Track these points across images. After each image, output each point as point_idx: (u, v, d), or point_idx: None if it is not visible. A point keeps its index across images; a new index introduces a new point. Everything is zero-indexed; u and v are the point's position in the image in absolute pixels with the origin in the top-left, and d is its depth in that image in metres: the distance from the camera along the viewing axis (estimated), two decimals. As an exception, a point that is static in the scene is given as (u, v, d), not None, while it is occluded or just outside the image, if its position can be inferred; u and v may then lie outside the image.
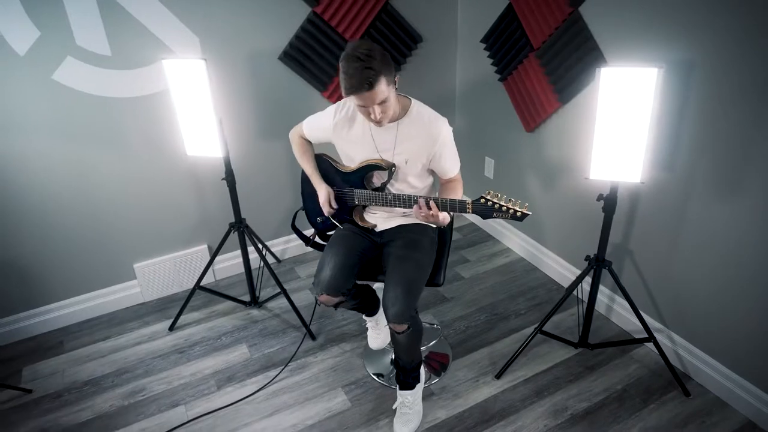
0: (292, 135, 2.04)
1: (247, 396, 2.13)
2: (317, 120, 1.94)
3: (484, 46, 2.78)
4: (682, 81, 1.85)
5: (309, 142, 2.02)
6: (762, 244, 1.76)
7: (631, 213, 2.22)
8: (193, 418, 2.03)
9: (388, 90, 1.59)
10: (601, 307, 2.51)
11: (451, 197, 1.70)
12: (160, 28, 2.23)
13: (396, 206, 1.81)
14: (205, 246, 2.78)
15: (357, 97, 1.58)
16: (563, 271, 2.71)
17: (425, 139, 1.76)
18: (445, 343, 2.36)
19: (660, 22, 1.88)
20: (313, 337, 2.42)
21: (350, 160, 1.89)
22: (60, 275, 2.49)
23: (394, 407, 2.00)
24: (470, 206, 1.63)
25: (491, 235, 3.22)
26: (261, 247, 2.70)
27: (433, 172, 1.91)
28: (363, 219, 1.97)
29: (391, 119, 1.75)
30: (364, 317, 2.20)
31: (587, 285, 2.16)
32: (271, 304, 2.66)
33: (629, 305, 2.08)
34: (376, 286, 2.24)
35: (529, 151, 2.73)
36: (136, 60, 2.25)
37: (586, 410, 2.01)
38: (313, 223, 2.08)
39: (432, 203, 1.66)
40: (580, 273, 2.14)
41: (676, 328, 2.18)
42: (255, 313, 2.62)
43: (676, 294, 2.13)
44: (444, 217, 1.69)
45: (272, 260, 3.01)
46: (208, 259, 2.52)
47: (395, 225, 1.95)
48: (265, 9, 2.41)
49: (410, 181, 1.86)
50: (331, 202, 1.91)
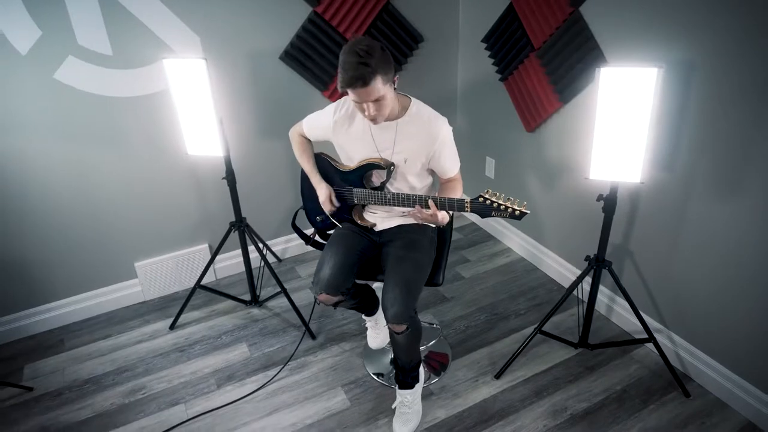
0: (292, 133, 2.04)
1: (247, 395, 2.13)
2: (317, 118, 1.94)
3: (485, 45, 2.78)
4: (682, 81, 1.85)
5: (309, 141, 2.02)
6: (762, 244, 1.76)
7: (632, 213, 2.22)
8: (193, 417, 2.04)
9: (385, 89, 1.59)
10: (601, 308, 2.51)
11: (451, 197, 1.70)
12: (161, 27, 2.24)
13: (395, 205, 1.81)
14: (206, 245, 2.78)
15: (351, 92, 1.59)
16: (564, 272, 2.71)
17: (425, 139, 1.76)
18: (444, 343, 2.36)
19: (660, 22, 1.88)
20: (313, 337, 2.43)
21: (349, 159, 1.90)
22: (61, 274, 2.49)
23: (393, 406, 2.01)
24: (469, 205, 1.63)
25: (492, 235, 3.21)
26: (261, 246, 2.70)
27: (432, 172, 1.91)
28: (362, 218, 1.97)
29: (391, 118, 1.76)
30: (363, 317, 2.20)
31: (587, 285, 2.15)
32: (271, 304, 2.67)
33: (629, 305, 2.08)
34: (375, 285, 2.25)
35: (530, 151, 2.73)
36: (137, 59, 2.26)
37: (586, 410, 2.01)
38: (313, 223, 2.09)
39: (431, 202, 1.66)
40: (580, 273, 2.14)
41: (676, 329, 2.17)
42: (255, 312, 2.62)
43: (676, 294, 2.12)
44: (443, 217, 1.69)
45: (273, 259, 3.01)
46: (209, 258, 2.52)
47: (395, 225, 1.95)
48: (266, 8, 2.42)
49: (409, 180, 1.85)
50: (332, 200, 1.92)
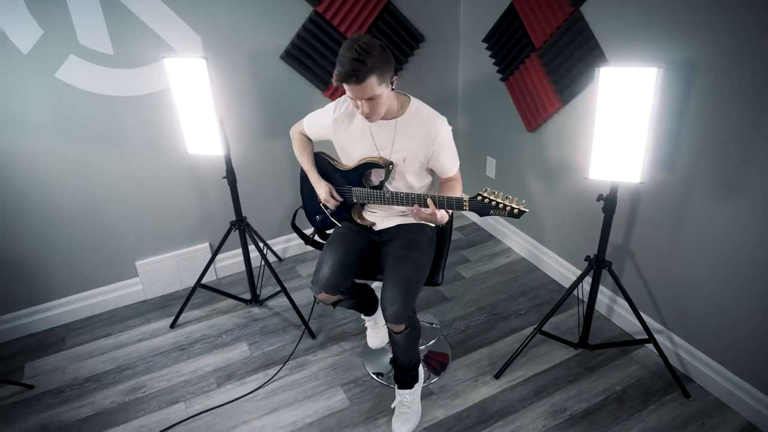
0: (293, 132, 2.05)
1: (247, 393, 2.13)
2: (318, 117, 1.94)
3: (486, 45, 2.78)
4: (682, 81, 1.85)
5: (309, 140, 2.03)
6: (762, 244, 1.75)
7: (632, 213, 2.21)
8: (193, 415, 2.04)
9: (380, 89, 1.58)
10: (601, 308, 2.51)
11: (449, 196, 1.70)
12: (162, 27, 2.25)
13: (393, 204, 1.81)
14: (207, 244, 2.79)
15: (346, 87, 1.59)
16: (564, 272, 2.70)
17: (424, 138, 1.76)
18: (444, 343, 2.36)
19: (660, 22, 1.87)
20: (313, 336, 2.43)
21: (349, 157, 1.90)
22: (62, 273, 2.50)
23: (392, 406, 2.01)
24: (467, 204, 1.63)
25: (492, 235, 3.21)
26: (262, 245, 2.70)
27: (432, 172, 1.91)
28: (362, 217, 1.97)
29: (390, 117, 1.76)
30: (362, 316, 2.20)
31: (588, 285, 2.15)
32: (271, 303, 2.67)
33: (629, 306, 2.08)
34: (374, 285, 2.25)
35: (531, 151, 2.72)
36: (138, 59, 2.26)
37: (585, 411, 2.01)
38: (313, 222, 2.09)
39: (430, 201, 1.66)
40: (580, 273, 2.13)
41: (677, 329, 2.17)
42: (256, 311, 2.63)
43: (677, 294, 2.12)
44: (442, 216, 1.69)
45: (274, 259, 3.02)
46: (210, 258, 2.53)
47: (394, 224, 1.95)
48: (267, 8, 2.42)
49: (408, 179, 1.85)
50: (334, 195, 1.91)
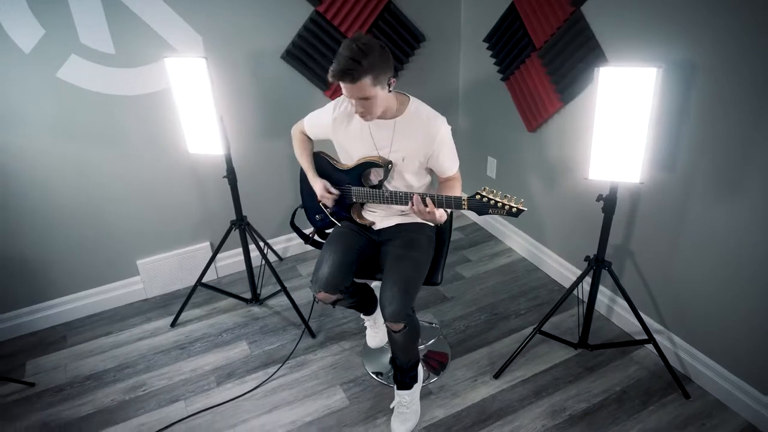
0: (294, 131, 2.05)
1: (247, 392, 2.14)
2: (317, 116, 1.95)
3: (487, 45, 2.78)
4: (682, 81, 1.84)
5: (309, 139, 2.03)
6: (762, 244, 1.75)
7: (632, 213, 2.21)
8: (193, 414, 2.05)
9: (374, 90, 1.58)
10: (601, 308, 2.50)
11: (448, 195, 1.70)
12: (164, 26, 2.25)
13: (392, 203, 1.81)
14: (208, 243, 2.79)
15: (341, 85, 1.59)
16: (565, 272, 2.70)
17: (423, 138, 1.76)
18: (444, 343, 2.36)
19: (660, 22, 1.87)
20: (313, 335, 2.43)
21: (348, 157, 1.90)
22: (63, 271, 2.51)
23: (391, 406, 2.01)
24: (466, 202, 1.63)
25: (493, 235, 3.21)
26: (262, 244, 2.71)
27: (431, 171, 1.91)
28: (361, 216, 1.97)
29: (389, 117, 1.76)
30: (361, 316, 2.21)
31: (588, 285, 2.15)
32: (272, 302, 2.68)
33: (629, 306, 2.08)
34: (373, 284, 2.25)
35: (531, 151, 2.72)
36: (139, 58, 2.27)
37: (585, 411, 2.00)
38: (312, 221, 2.09)
39: (428, 200, 1.66)
40: (580, 273, 2.13)
41: (677, 329, 2.16)
42: (256, 310, 2.63)
43: (676, 294, 2.12)
44: (440, 215, 1.69)
45: (274, 258, 3.02)
46: (210, 257, 2.53)
47: (393, 224, 1.95)
48: (268, 8, 2.43)
49: (407, 178, 1.86)
50: (330, 189, 1.90)
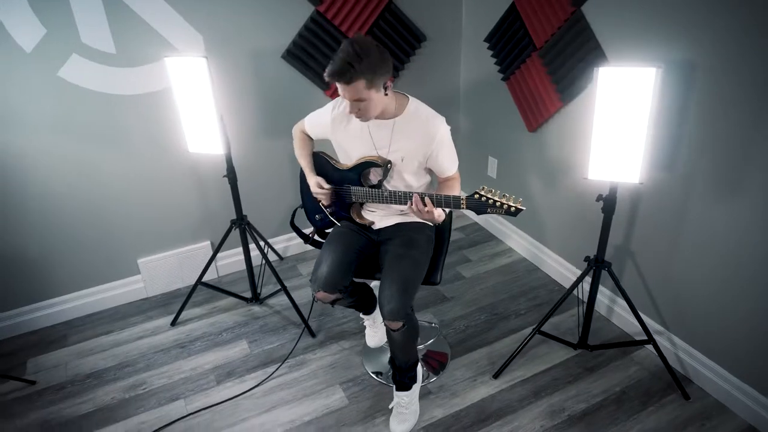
0: (295, 131, 2.06)
1: (246, 391, 2.14)
2: (318, 116, 1.95)
3: (488, 45, 2.77)
4: (683, 81, 1.84)
5: (310, 139, 2.04)
6: (762, 244, 1.74)
7: (632, 213, 2.20)
8: (192, 413, 2.05)
9: (368, 93, 1.59)
10: (602, 309, 2.50)
11: (447, 194, 1.70)
12: (164, 26, 2.26)
13: (391, 203, 1.81)
14: (208, 242, 2.80)
15: (337, 85, 1.60)
16: (565, 272, 2.70)
17: (422, 138, 1.77)
18: (444, 342, 2.36)
19: (660, 22, 1.87)
20: (313, 334, 2.43)
21: (347, 157, 1.90)
22: (65, 270, 2.52)
23: (390, 407, 2.01)
24: (464, 202, 1.63)
25: (494, 235, 3.21)
26: (263, 244, 2.71)
27: (431, 171, 1.91)
28: (360, 216, 1.97)
29: (387, 117, 1.76)
30: (361, 315, 2.21)
31: (588, 286, 2.14)
32: (272, 301, 2.68)
33: (629, 307, 2.07)
34: (373, 284, 2.25)
35: (532, 151, 2.72)
36: (140, 58, 2.27)
37: (584, 411, 2.00)
38: (312, 221, 2.09)
39: (427, 199, 1.66)
40: (580, 274, 2.13)
41: (677, 330, 2.16)
42: (256, 309, 2.64)
43: (677, 294, 2.11)
44: (439, 214, 1.69)
45: (275, 257, 3.03)
46: (211, 256, 2.54)
47: (393, 223, 1.95)
48: (269, 7, 2.43)
49: (406, 178, 1.86)
50: (322, 185, 1.89)
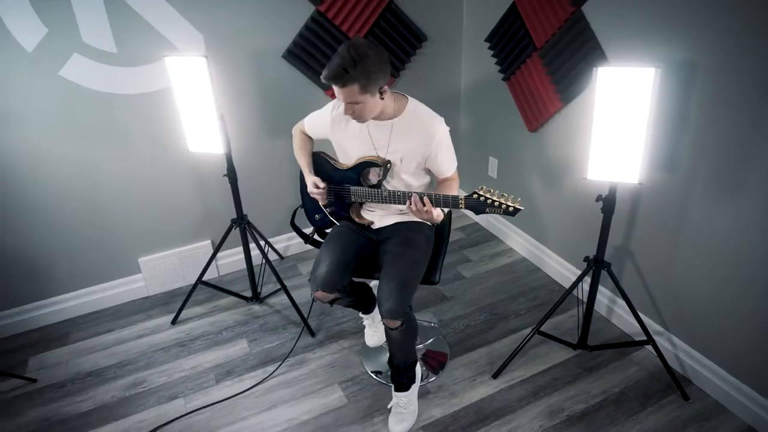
0: (295, 131, 2.06)
1: (245, 390, 2.15)
2: (317, 116, 1.96)
3: (488, 45, 2.77)
4: (682, 81, 1.84)
5: (310, 139, 2.04)
6: (762, 244, 1.74)
7: (632, 214, 2.20)
8: (192, 411, 2.06)
9: (362, 97, 1.60)
10: (602, 309, 2.50)
11: (446, 194, 1.70)
12: (165, 25, 2.27)
13: (391, 203, 1.82)
14: (209, 241, 2.81)
15: (333, 86, 1.61)
16: (565, 272, 2.69)
17: (421, 138, 1.77)
18: (443, 342, 2.36)
19: (660, 22, 1.87)
20: (312, 334, 2.44)
21: (347, 157, 1.90)
22: (66, 269, 2.53)
23: (389, 406, 2.01)
24: (463, 202, 1.63)
25: (494, 235, 3.20)
26: (263, 243, 2.72)
27: (430, 172, 1.91)
28: (360, 216, 1.97)
29: (386, 117, 1.77)
30: (360, 315, 2.21)
31: (587, 286, 2.14)
32: (272, 300, 2.69)
33: (628, 307, 2.07)
34: (372, 284, 2.25)
35: (532, 151, 2.72)
36: (141, 57, 2.28)
37: (583, 412, 2.00)
38: (312, 221, 2.10)
39: (426, 199, 1.66)
40: (580, 274, 2.13)
41: (676, 330, 2.15)
42: (256, 308, 2.64)
43: (676, 294, 2.11)
44: (438, 214, 1.69)
45: (275, 257, 3.03)
46: (211, 255, 2.54)
47: (392, 222, 1.95)
48: (270, 7, 2.43)
49: (405, 178, 1.86)
50: (318, 184, 1.89)
